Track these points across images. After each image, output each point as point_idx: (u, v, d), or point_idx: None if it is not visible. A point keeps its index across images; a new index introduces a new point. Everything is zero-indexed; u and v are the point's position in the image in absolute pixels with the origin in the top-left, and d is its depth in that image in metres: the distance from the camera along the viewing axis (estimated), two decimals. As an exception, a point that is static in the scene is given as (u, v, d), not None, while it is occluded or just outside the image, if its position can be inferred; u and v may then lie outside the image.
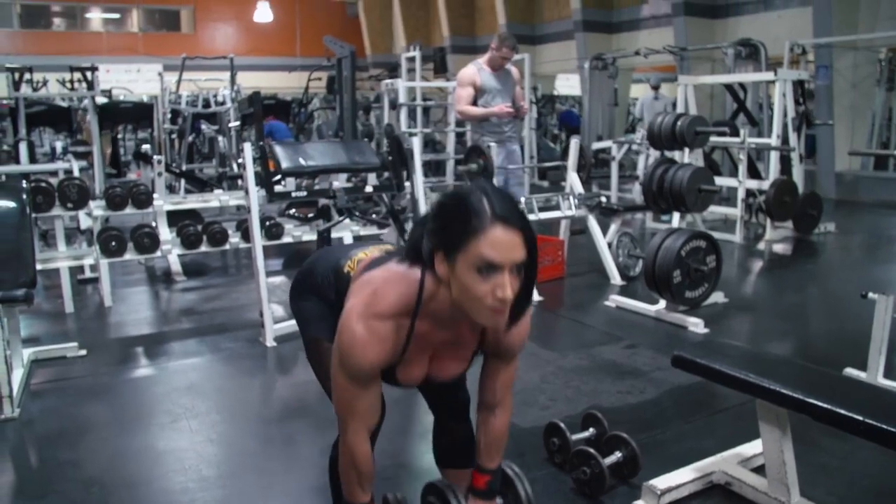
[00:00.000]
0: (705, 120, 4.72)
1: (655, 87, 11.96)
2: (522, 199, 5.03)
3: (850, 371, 3.34)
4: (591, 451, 2.38)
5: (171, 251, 5.17)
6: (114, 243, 4.83)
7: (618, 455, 2.46)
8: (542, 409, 3.13)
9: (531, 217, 4.98)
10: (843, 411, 1.87)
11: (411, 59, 10.07)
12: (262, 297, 4.08)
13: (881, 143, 11.14)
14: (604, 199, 5.42)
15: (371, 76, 16.86)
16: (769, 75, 7.31)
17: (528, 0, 16.19)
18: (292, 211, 6.17)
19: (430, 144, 11.26)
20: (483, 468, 1.81)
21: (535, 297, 4.86)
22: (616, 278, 5.28)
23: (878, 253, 6.94)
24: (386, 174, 5.28)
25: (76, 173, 5.62)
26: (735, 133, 7.19)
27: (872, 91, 10.66)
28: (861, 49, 10.03)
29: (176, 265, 5.89)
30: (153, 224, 5.26)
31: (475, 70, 5.16)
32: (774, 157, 7.03)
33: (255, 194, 4.14)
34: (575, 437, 2.60)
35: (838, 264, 6.49)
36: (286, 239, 5.38)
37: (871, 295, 3.14)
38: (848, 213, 8.83)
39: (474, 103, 5.18)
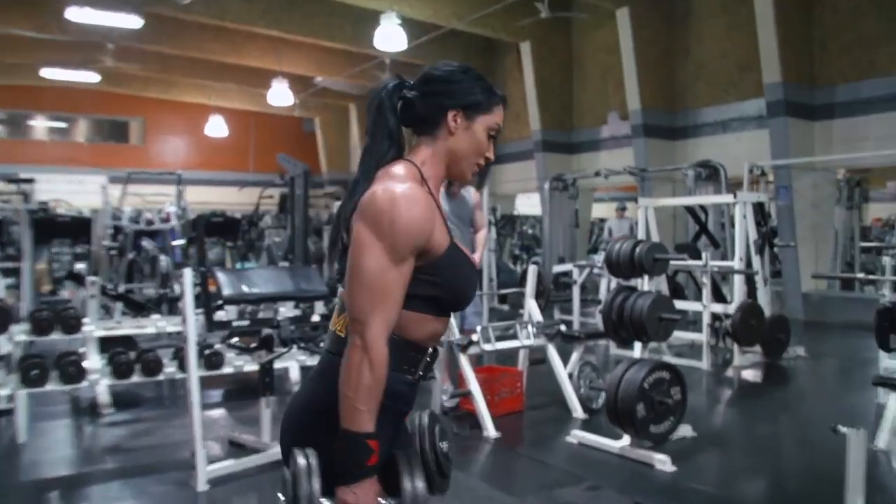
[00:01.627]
0: (664, 247, 4.85)
1: (623, 210, 12.38)
2: (479, 328, 5.04)
3: (826, 514, 3.30)
4: None
5: (99, 381, 5.00)
6: (35, 371, 4.66)
7: None
8: (498, 563, 3.01)
9: (488, 347, 4.99)
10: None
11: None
12: (194, 434, 3.93)
13: (845, 262, 11.57)
14: (563, 328, 5.45)
15: (326, 194, 17.13)
16: (729, 198, 7.61)
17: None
18: (234, 340, 6.07)
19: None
20: None
21: (493, 433, 4.77)
22: (578, 411, 5.24)
23: (850, 378, 7.02)
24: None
25: (0, 293, 5.50)
26: (697, 256, 7.40)
27: (833, 210, 11.18)
28: (819, 170, 10.57)
29: (104, 396, 5.67)
30: (81, 350, 5.11)
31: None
32: (739, 279, 7.21)
33: (194, 322, 4.08)
34: None
35: (810, 391, 6.55)
36: (226, 369, 5.26)
37: (841, 429, 3.11)
38: (817, 336, 9.00)
39: None
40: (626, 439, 4.42)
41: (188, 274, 4.07)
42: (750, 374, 6.90)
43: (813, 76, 10.46)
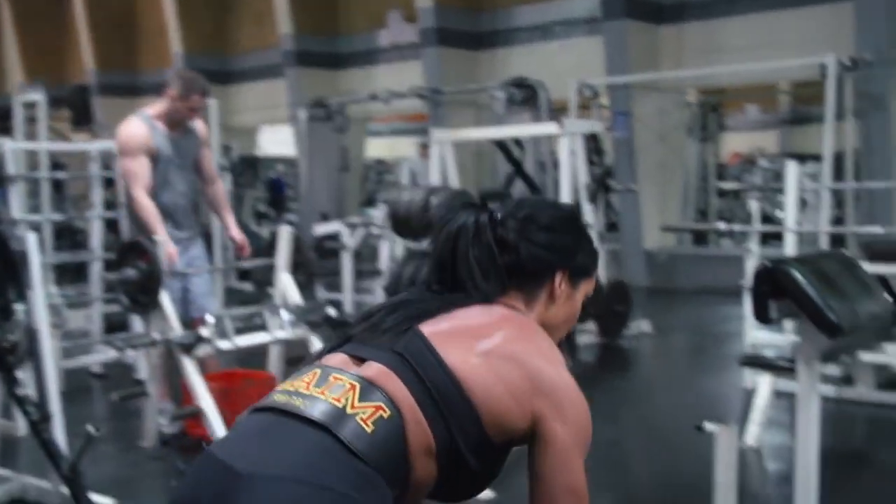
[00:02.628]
0: (468, 195, 4.93)
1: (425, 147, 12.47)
2: (210, 318, 4.87)
3: (694, 532, 3.50)
4: None
5: None
6: None
7: None
8: None
9: (226, 344, 4.85)
10: None
11: (31, 105, 9.63)
12: None
13: (698, 210, 12.41)
14: (332, 311, 5.40)
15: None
16: (553, 128, 7.84)
17: (216, 23, 16.42)
18: None
19: (68, 236, 10.60)
20: None
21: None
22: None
23: (707, 358, 7.61)
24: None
25: None
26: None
27: (684, 143, 11.96)
28: (666, 91, 11.23)
29: None
30: None
31: (147, 130, 5.03)
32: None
33: None
34: None
35: (660, 378, 7.03)
36: None
37: (707, 426, 3.28)
38: (665, 306, 9.66)
39: None
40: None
41: None
42: (582, 359, 7.18)
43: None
